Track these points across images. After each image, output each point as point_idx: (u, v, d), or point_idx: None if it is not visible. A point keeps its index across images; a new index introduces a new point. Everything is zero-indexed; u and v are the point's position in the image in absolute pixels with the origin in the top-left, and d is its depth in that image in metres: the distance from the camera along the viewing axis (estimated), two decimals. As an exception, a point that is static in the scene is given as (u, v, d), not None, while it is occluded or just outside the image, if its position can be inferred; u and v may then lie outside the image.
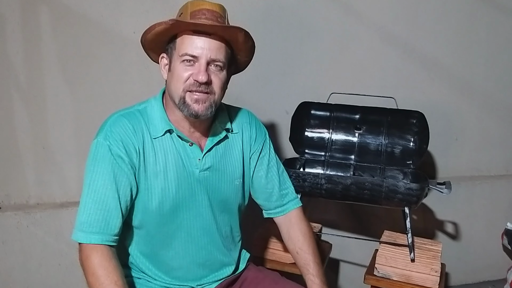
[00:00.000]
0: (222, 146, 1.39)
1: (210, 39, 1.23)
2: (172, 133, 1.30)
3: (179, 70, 1.24)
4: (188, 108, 1.25)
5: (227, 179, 1.40)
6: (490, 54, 2.32)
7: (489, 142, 2.44)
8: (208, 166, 1.35)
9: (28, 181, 2.00)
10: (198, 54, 1.22)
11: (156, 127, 1.29)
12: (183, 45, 1.23)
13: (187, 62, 1.23)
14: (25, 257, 1.97)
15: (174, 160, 1.30)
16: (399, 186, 1.66)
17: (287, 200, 1.53)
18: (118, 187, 1.23)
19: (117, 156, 1.22)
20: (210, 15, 1.22)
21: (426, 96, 2.29)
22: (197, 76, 1.22)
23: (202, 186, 1.35)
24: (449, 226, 2.45)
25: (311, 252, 1.47)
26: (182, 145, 1.32)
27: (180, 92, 1.24)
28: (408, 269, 1.70)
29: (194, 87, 1.23)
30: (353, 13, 2.16)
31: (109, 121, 1.27)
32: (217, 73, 1.26)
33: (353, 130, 1.96)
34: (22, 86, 1.90)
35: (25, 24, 1.85)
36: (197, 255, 1.39)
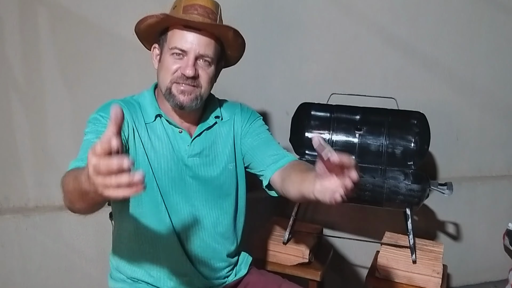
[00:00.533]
0: (212, 132, 1.41)
1: (199, 35, 1.26)
2: (162, 118, 1.34)
3: (168, 62, 1.28)
4: (174, 99, 1.29)
5: (218, 164, 1.40)
6: (491, 54, 2.31)
7: (490, 143, 2.43)
8: (197, 152, 1.37)
9: (27, 183, 1.99)
10: (187, 48, 1.26)
11: (148, 113, 1.34)
12: (173, 38, 1.27)
13: (176, 55, 1.27)
14: (24, 260, 1.96)
15: (165, 145, 1.33)
16: (400, 187, 1.66)
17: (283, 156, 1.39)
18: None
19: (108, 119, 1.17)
20: (202, 10, 1.26)
21: (427, 97, 2.28)
22: (185, 70, 1.26)
23: (191, 171, 1.36)
24: (450, 227, 2.44)
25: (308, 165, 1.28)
26: (172, 130, 1.35)
27: (167, 83, 1.28)
28: (410, 271, 1.69)
29: (181, 80, 1.27)
30: (353, 13, 2.15)
31: (105, 103, 1.32)
32: (205, 68, 1.29)
33: (353, 131, 1.95)
34: (21, 88, 1.90)
35: (23, 26, 1.84)
36: (188, 242, 1.36)
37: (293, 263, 1.81)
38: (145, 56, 1.94)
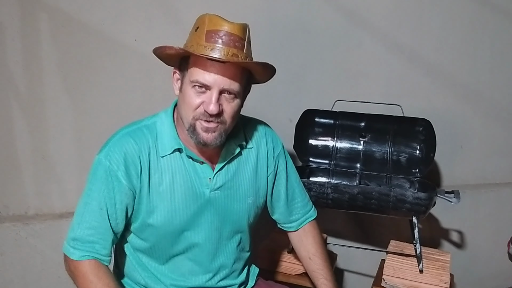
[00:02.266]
0: (235, 163, 1.32)
1: (224, 66, 1.14)
2: (182, 152, 1.25)
3: (190, 96, 1.16)
4: (197, 137, 1.19)
5: (239, 197, 1.33)
6: (495, 61, 2.30)
7: (494, 150, 2.41)
8: (220, 185, 1.29)
9: (27, 191, 1.96)
10: (210, 83, 1.14)
11: (164, 145, 1.23)
12: (195, 70, 1.15)
13: (199, 88, 1.15)
14: (24, 269, 1.93)
15: (182, 180, 1.24)
16: (407, 195, 1.63)
17: (302, 213, 1.50)
18: (115, 210, 1.20)
19: (114, 177, 1.18)
20: (227, 38, 1.13)
21: (430, 104, 2.27)
22: (208, 106, 1.14)
23: (212, 206, 1.29)
24: (455, 235, 2.42)
25: (324, 258, 1.46)
26: (191, 164, 1.26)
27: (190, 119, 1.18)
28: (417, 280, 1.67)
29: (204, 117, 1.16)
30: (357, 20, 2.13)
31: (113, 139, 1.23)
32: (230, 101, 1.18)
33: (358, 138, 1.93)
34: (22, 96, 1.87)
35: (24, 33, 1.82)
36: (204, 279, 1.34)
37: (298, 272, 1.78)
38: (148, 63, 1.95)
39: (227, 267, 1.37)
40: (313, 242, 1.49)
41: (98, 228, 1.19)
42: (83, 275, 1.17)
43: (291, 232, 1.52)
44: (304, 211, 1.51)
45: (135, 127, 1.25)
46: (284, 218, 1.49)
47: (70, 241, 1.21)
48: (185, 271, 1.32)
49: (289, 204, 1.47)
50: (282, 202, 1.46)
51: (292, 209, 1.48)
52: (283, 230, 1.54)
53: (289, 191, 1.47)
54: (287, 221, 1.50)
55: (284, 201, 1.46)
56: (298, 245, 1.51)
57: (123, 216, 1.22)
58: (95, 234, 1.20)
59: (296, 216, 1.49)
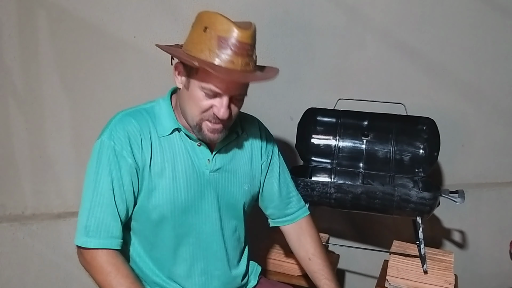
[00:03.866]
0: (231, 147, 1.35)
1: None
2: (180, 132, 1.26)
3: (199, 98, 1.16)
4: (202, 135, 1.22)
5: (237, 181, 1.35)
6: (497, 59, 2.28)
7: (496, 149, 2.40)
8: (218, 167, 1.31)
9: (24, 191, 1.93)
10: (222, 91, 1.14)
11: (163, 126, 1.25)
12: (207, 77, 1.13)
13: (210, 92, 1.15)
14: (21, 270, 1.91)
15: (183, 160, 1.26)
16: (411, 195, 1.61)
17: (297, 207, 1.51)
18: (124, 190, 1.20)
19: (121, 157, 1.19)
20: (240, 47, 1.11)
21: (432, 102, 2.25)
22: (219, 112, 1.16)
23: (212, 187, 1.30)
24: (456, 235, 2.41)
25: (324, 258, 1.45)
26: (190, 144, 1.27)
27: (197, 119, 1.19)
28: (421, 281, 1.65)
29: (214, 119, 1.18)
30: (359, 18, 2.11)
31: (114, 120, 1.23)
32: (237, 103, 1.21)
33: (360, 137, 1.91)
34: (19, 93, 1.84)
35: (22, 29, 1.79)
36: (205, 261, 1.33)
37: (299, 273, 1.76)
38: (147, 60, 1.92)
39: (225, 252, 1.36)
40: (311, 242, 1.47)
41: (111, 211, 1.18)
42: (101, 266, 1.15)
43: (288, 226, 1.51)
44: (300, 205, 1.52)
45: (134, 109, 1.27)
46: (279, 211, 1.49)
47: (83, 230, 1.17)
48: (186, 256, 1.31)
49: (284, 197, 1.48)
50: (276, 195, 1.47)
51: (287, 202, 1.49)
52: (278, 226, 1.52)
53: (283, 184, 1.48)
54: (283, 214, 1.50)
55: (278, 194, 1.47)
56: (297, 245, 1.50)
57: (132, 197, 1.22)
58: (107, 217, 1.18)
59: (292, 209, 1.50)
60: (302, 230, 1.49)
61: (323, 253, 1.47)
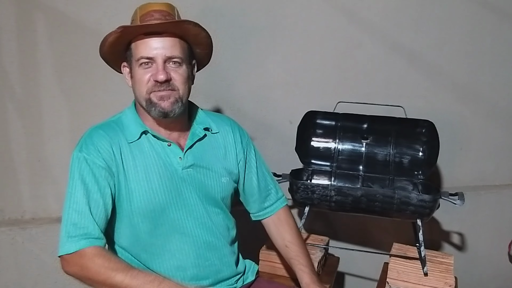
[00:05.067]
0: (203, 144, 1.39)
1: (162, 38, 1.25)
2: (148, 134, 1.32)
3: (139, 74, 1.26)
4: (155, 107, 1.27)
5: (213, 175, 1.39)
6: (495, 62, 2.29)
7: (494, 151, 2.41)
8: (191, 164, 1.35)
9: (23, 195, 1.92)
10: (153, 55, 1.24)
11: (131, 132, 1.31)
12: (138, 49, 1.25)
13: (145, 64, 1.25)
14: (20, 274, 1.90)
15: (154, 161, 1.31)
16: (411, 198, 1.61)
17: (275, 199, 1.55)
18: (101, 193, 1.23)
19: (93, 164, 1.23)
20: (158, 15, 1.25)
21: (430, 105, 2.26)
22: (156, 76, 1.24)
23: (187, 183, 1.34)
24: (455, 237, 2.41)
25: (300, 245, 1.49)
26: (160, 145, 1.32)
27: (144, 94, 1.27)
28: (421, 284, 1.64)
29: (156, 87, 1.26)
30: (357, 21, 2.12)
31: (84, 135, 1.30)
32: (176, 69, 1.27)
33: (360, 140, 1.92)
34: (17, 97, 1.84)
35: (20, 33, 1.79)
36: (196, 253, 1.35)
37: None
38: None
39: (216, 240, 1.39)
40: (288, 230, 1.51)
41: (88, 215, 1.20)
42: (92, 261, 1.16)
43: (267, 218, 1.54)
44: (278, 196, 1.56)
45: (102, 122, 1.34)
46: (259, 205, 1.53)
47: (64, 235, 1.20)
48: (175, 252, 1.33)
49: (263, 191, 1.52)
50: (255, 189, 1.51)
51: (266, 195, 1.53)
52: (259, 220, 1.56)
53: (261, 178, 1.52)
54: (262, 207, 1.54)
55: (257, 188, 1.51)
56: (275, 233, 1.53)
57: (110, 199, 1.25)
58: (86, 221, 1.19)
59: (271, 201, 1.54)
60: (280, 221, 1.53)
61: (300, 240, 1.51)
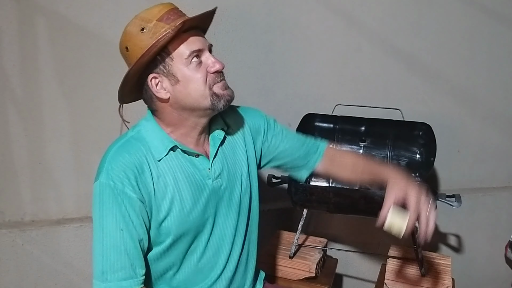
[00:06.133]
0: (225, 147, 1.32)
1: (195, 31, 1.17)
2: (176, 150, 1.22)
3: (193, 72, 1.15)
4: (223, 98, 1.18)
5: (239, 178, 1.33)
6: (493, 66, 2.32)
7: (491, 154, 2.43)
8: (219, 173, 1.28)
9: (24, 197, 1.93)
10: (200, 46, 1.16)
11: (157, 148, 1.20)
12: (181, 48, 1.14)
13: (196, 58, 1.15)
14: (20, 276, 1.90)
15: (185, 177, 1.22)
16: (409, 199, 1.62)
17: (316, 145, 1.47)
18: (134, 226, 1.14)
19: (123, 194, 1.13)
20: (175, 14, 1.14)
21: (428, 108, 2.28)
22: (214, 65, 1.16)
23: (218, 195, 1.27)
24: (452, 239, 2.43)
25: (363, 158, 1.43)
26: (189, 159, 1.23)
27: (207, 92, 1.16)
28: (419, 285, 1.67)
29: (218, 78, 1.18)
30: (356, 25, 2.14)
31: (107, 158, 1.17)
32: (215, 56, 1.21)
33: (358, 142, 1.93)
34: (19, 99, 1.85)
35: (22, 36, 1.80)
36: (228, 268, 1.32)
37: (299, 277, 1.77)
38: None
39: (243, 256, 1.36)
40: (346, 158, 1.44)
41: (124, 250, 1.13)
42: None
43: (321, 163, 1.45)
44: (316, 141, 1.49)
45: (122, 141, 1.21)
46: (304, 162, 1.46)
47: (100, 276, 1.13)
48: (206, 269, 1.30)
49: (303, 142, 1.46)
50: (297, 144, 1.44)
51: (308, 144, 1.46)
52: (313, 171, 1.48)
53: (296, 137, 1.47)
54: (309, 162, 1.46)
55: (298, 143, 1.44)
56: (336, 169, 1.45)
57: (144, 230, 1.17)
58: (122, 258, 1.13)
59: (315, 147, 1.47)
60: (334, 156, 1.46)
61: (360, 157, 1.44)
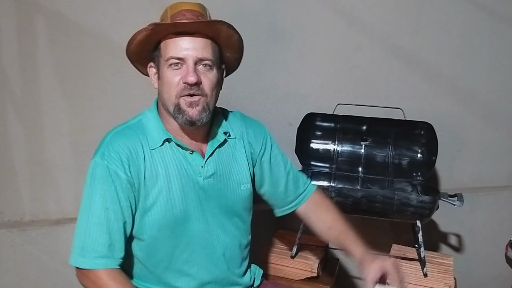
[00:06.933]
0: (223, 150, 1.34)
1: (194, 38, 1.18)
2: (171, 142, 1.26)
3: (168, 76, 1.20)
4: (183, 115, 1.20)
5: (233, 184, 1.34)
6: (492, 65, 2.31)
7: (492, 153, 2.42)
8: (212, 173, 1.29)
9: (23, 197, 1.92)
10: (184, 55, 1.18)
11: (153, 138, 1.25)
12: (167, 49, 1.20)
13: (174, 65, 1.19)
14: (20, 277, 1.89)
15: (176, 170, 1.25)
16: (411, 199, 1.63)
17: (304, 186, 1.48)
18: (120, 207, 1.18)
19: (115, 175, 1.18)
20: (190, 15, 1.19)
21: (429, 107, 2.27)
22: (186, 78, 1.17)
23: (207, 194, 1.29)
24: (453, 238, 2.42)
25: (343, 222, 1.41)
26: (182, 153, 1.26)
27: (173, 99, 1.20)
28: (421, 284, 1.66)
29: (186, 90, 1.19)
30: (356, 24, 2.13)
31: (105, 140, 1.23)
32: (206, 72, 1.21)
33: (359, 142, 1.93)
34: (18, 99, 1.84)
35: (21, 35, 1.79)
36: (214, 265, 1.32)
37: (301, 277, 1.76)
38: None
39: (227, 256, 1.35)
40: (328, 211, 1.44)
41: (107, 229, 1.16)
42: (107, 284, 1.13)
43: (302, 206, 1.47)
44: (307, 182, 1.49)
45: (122, 126, 1.27)
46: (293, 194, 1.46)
47: (78, 250, 1.16)
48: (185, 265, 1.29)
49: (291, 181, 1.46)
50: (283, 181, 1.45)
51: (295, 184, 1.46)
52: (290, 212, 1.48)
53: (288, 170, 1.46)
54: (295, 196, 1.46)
55: (285, 180, 1.45)
56: (314, 219, 1.45)
57: (130, 213, 1.21)
58: (104, 237, 1.16)
59: (301, 189, 1.47)
60: (316, 205, 1.47)
61: (341, 217, 1.42)
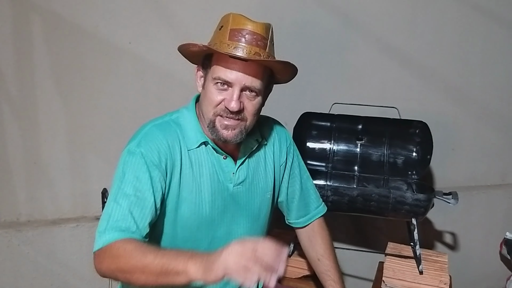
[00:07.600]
0: (254, 158, 1.34)
1: (246, 64, 1.14)
2: (207, 145, 1.25)
3: (212, 92, 1.17)
4: (217, 133, 1.19)
5: (259, 192, 1.34)
6: (486, 64, 2.33)
7: (485, 152, 2.44)
8: (242, 180, 1.30)
9: (19, 197, 1.92)
10: (232, 80, 1.15)
11: (190, 139, 1.23)
12: (217, 67, 1.16)
13: (221, 85, 1.16)
14: (15, 277, 1.89)
15: (209, 174, 1.24)
16: (406, 197, 1.64)
17: (313, 207, 1.50)
18: (153, 193, 1.13)
19: (150, 163, 1.14)
20: (250, 38, 1.14)
21: (423, 106, 2.29)
22: (229, 103, 1.15)
23: (235, 201, 1.29)
24: (447, 236, 2.44)
25: (332, 259, 1.45)
26: (216, 158, 1.26)
27: (210, 115, 1.19)
28: (416, 282, 1.67)
29: (225, 113, 1.17)
30: (352, 24, 2.15)
31: (143, 131, 1.21)
32: (251, 99, 1.19)
33: (355, 141, 1.94)
34: (14, 99, 1.84)
35: (16, 35, 1.79)
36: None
37: (297, 275, 1.77)
38: (142, 66, 1.93)
39: None
40: (321, 243, 1.47)
41: (134, 212, 1.10)
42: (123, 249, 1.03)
43: (300, 229, 1.50)
44: (315, 205, 1.50)
45: (160, 120, 1.24)
46: (296, 213, 1.48)
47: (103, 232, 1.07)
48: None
49: (302, 199, 1.47)
50: (296, 197, 1.46)
51: (305, 204, 1.48)
52: (291, 226, 1.52)
53: (303, 186, 1.47)
54: (299, 216, 1.49)
55: (298, 196, 1.46)
56: (307, 245, 1.50)
57: (159, 201, 1.16)
58: (130, 218, 1.09)
59: (307, 211, 1.49)
60: (314, 232, 1.49)
61: (332, 255, 1.47)
